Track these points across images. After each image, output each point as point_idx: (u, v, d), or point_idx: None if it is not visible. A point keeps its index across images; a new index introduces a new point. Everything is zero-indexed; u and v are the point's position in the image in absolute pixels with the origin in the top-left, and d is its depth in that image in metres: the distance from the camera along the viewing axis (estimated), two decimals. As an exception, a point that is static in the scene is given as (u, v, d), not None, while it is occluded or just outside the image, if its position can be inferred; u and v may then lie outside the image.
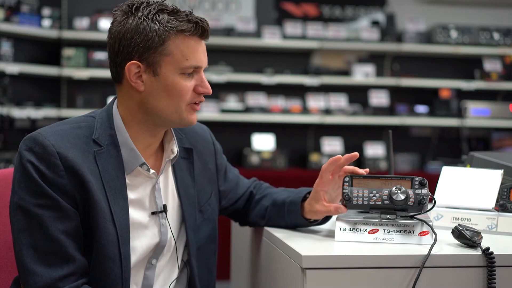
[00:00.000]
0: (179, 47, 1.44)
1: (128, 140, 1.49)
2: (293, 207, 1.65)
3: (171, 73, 1.45)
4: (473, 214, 1.67)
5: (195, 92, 1.49)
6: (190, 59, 1.46)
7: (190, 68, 1.46)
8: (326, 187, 1.59)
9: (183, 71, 1.46)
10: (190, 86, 1.48)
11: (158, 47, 1.44)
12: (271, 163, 4.72)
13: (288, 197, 1.68)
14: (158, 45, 1.43)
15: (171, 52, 1.44)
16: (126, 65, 1.45)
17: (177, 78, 1.46)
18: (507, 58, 5.16)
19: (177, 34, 1.44)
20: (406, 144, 5.21)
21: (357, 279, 1.35)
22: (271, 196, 1.74)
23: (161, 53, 1.44)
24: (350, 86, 5.04)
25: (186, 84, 1.47)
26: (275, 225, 1.71)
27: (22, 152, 1.39)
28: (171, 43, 1.44)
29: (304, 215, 1.63)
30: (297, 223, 1.66)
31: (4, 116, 4.20)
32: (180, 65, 1.45)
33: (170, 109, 1.47)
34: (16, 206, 1.38)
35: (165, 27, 1.43)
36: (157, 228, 1.53)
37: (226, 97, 4.85)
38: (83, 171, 1.39)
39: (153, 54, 1.44)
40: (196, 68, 1.48)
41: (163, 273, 1.57)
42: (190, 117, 1.50)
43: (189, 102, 1.48)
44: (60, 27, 4.65)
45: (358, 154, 1.57)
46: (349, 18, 5.40)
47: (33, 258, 1.35)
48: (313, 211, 1.61)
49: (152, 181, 1.53)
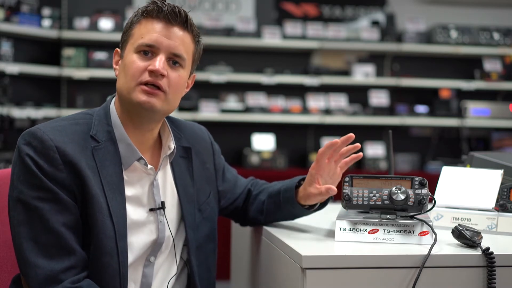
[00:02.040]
0: (140, 28, 1.49)
1: (125, 135, 1.50)
2: (287, 194, 1.66)
3: (129, 51, 1.49)
4: (473, 214, 1.67)
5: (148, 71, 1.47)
6: (145, 37, 1.47)
7: (142, 46, 1.46)
8: (321, 171, 1.60)
9: (138, 50, 1.47)
10: (143, 66, 1.46)
11: (127, 31, 1.51)
12: (271, 163, 4.72)
13: (282, 185, 1.71)
14: (128, 28, 1.51)
15: (134, 33, 1.49)
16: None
17: (133, 57, 1.47)
18: (507, 58, 5.16)
19: (143, 17, 1.49)
20: (406, 144, 5.22)
21: (357, 279, 1.35)
22: (267, 190, 1.76)
23: (128, 35, 1.50)
24: (350, 86, 5.04)
25: (139, 63, 1.46)
26: (274, 219, 1.72)
27: (21, 146, 1.40)
28: (137, 25, 1.50)
29: (299, 201, 1.64)
30: (293, 211, 1.68)
31: (4, 116, 4.20)
32: (135, 43, 1.48)
33: (125, 87, 1.48)
34: (15, 199, 1.38)
35: (137, 13, 1.50)
36: (155, 225, 1.53)
37: (226, 97, 4.85)
38: (81, 166, 1.40)
39: (124, 38, 1.51)
40: (149, 46, 1.46)
41: (161, 270, 1.57)
42: (138, 96, 1.45)
43: (139, 81, 1.46)
44: (60, 27, 4.65)
45: (354, 136, 1.57)
46: (349, 18, 5.40)
47: (33, 251, 1.35)
48: (306, 195, 1.62)
49: (150, 177, 1.54)
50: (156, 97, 1.46)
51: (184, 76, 1.53)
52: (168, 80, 1.47)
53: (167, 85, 1.47)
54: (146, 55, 1.46)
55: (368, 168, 4.84)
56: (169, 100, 1.49)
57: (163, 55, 1.47)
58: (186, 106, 4.64)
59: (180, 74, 1.51)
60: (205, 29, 4.68)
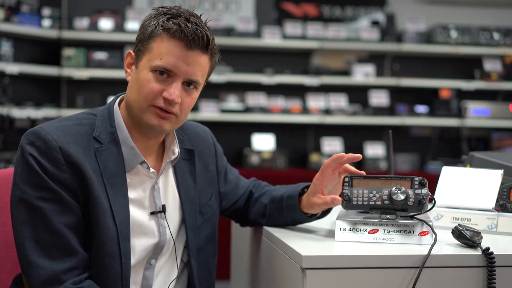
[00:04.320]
0: (160, 45, 1.44)
1: (128, 138, 1.49)
2: (291, 201, 1.66)
3: (145, 67, 1.45)
4: (473, 214, 1.67)
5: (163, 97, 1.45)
6: (163, 59, 1.43)
7: (159, 67, 1.43)
8: (325, 182, 1.61)
9: (154, 69, 1.44)
10: (158, 88, 1.44)
11: (145, 41, 1.46)
12: (271, 163, 4.72)
13: (286, 192, 1.70)
14: (146, 38, 1.46)
15: (152, 48, 1.45)
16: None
17: (149, 75, 1.45)
18: (507, 58, 5.16)
19: (163, 33, 1.44)
20: (406, 144, 5.22)
21: (357, 279, 1.35)
22: (269, 193, 1.75)
23: (146, 46, 1.46)
24: (350, 86, 5.04)
25: (154, 85, 1.44)
26: (276, 224, 1.71)
27: (24, 146, 1.39)
28: (157, 40, 1.45)
29: (301, 209, 1.64)
30: (296, 218, 1.67)
31: (4, 116, 4.20)
32: (152, 62, 1.44)
33: (136, 104, 1.47)
34: (18, 199, 1.38)
35: (158, 24, 1.45)
36: (156, 228, 1.53)
37: (226, 97, 4.85)
38: (84, 167, 1.40)
39: (141, 47, 1.47)
40: (167, 71, 1.44)
41: (161, 273, 1.57)
42: (150, 119, 1.45)
43: (152, 103, 1.45)
44: (60, 27, 4.65)
45: (361, 156, 1.58)
46: (349, 18, 5.40)
47: (35, 251, 1.35)
48: (310, 204, 1.62)
49: (151, 181, 1.54)
50: (167, 120, 1.46)
51: (196, 96, 1.53)
52: (181, 105, 1.47)
53: (179, 109, 1.47)
54: (161, 75, 1.44)
55: (368, 168, 4.84)
56: (179, 121, 1.51)
57: (179, 81, 1.45)
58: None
59: (193, 96, 1.51)
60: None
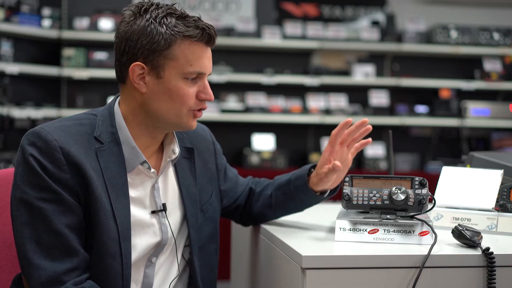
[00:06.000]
0: (184, 52, 1.44)
1: (130, 138, 1.49)
2: (299, 181, 1.68)
3: (174, 77, 1.45)
4: (473, 214, 1.67)
5: (197, 99, 1.50)
6: (194, 64, 1.46)
7: (193, 73, 1.47)
8: (334, 155, 1.64)
9: (186, 76, 1.46)
10: (193, 92, 1.48)
11: (164, 51, 1.43)
12: (271, 163, 4.72)
13: (292, 175, 1.73)
14: (164, 48, 1.43)
15: (176, 56, 1.44)
16: (130, 66, 1.45)
17: (180, 83, 1.46)
18: (507, 58, 5.17)
19: (183, 39, 1.44)
20: (406, 144, 5.22)
21: (357, 279, 1.35)
22: (272, 184, 1.77)
23: (166, 56, 1.44)
24: (350, 86, 5.04)
25: (189, 90, 1.47)
26: (284, 211, 1.73)
27: (25, 146, 1.39)
28: (177, 47, 1.44)
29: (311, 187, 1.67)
30: (304, 199, 1.69)
31: (4, 116, 4.21)
32: (183, 70, 1.45)
33: (171, 113, 1.48)
34: (18, 200, 1.38)
35: (172, 31, 1.43)
36: (158, 227, 1.53)
37: (226, 97, 4.85)
38: (85, 167, 1.40)
39: (158, 57, 1.44)
40: (199, 74, 1.48)
41: (161, 270, 1.57)
42: (190, 122, 1.52)
43: (191, 108, 1.50)
44: (60, 27, 4.65)
45: (368, 120, 1.62)
46: (349, 18, 5.40)
47: (36, 252, 1.35)
48: (318, 178, 1.64)
49: (151, 180, 1.54)
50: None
51: None
52: None
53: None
54: (192, 79, 1.48)
55: (368, 168, 4.84)
56: None
57: (206, 78, 1.51)
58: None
59: None
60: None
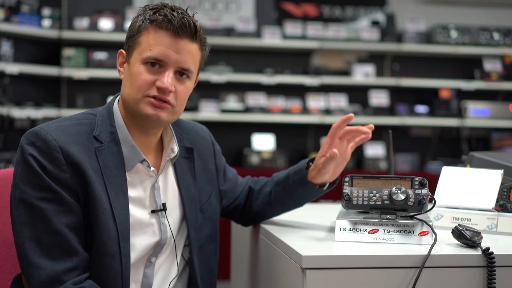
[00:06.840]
0: (148, 37, 1.46)
1: (128, 137, 1.49)
2: (298, 176, 1.69)
3: (136, 61, 1.47)
4: (473, 214, 1.67)
5: (156, 87, 1.46)
6: (153, 50, 1.45)
7: (151, 59, 1.45)
8: (333, 146, 1.64)
9: (145, 61, 1.45)
10: (150, 79, 1.45)
11: (134, 36, 1.48)
12: (271, 163, 4.72)
13: (291, 170, 1.73)
14: (135, 33, 1.48)
15: (141, 41, 1.47)
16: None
17: (140, 68, 1.46)
18: (507, 58, 5.16)
19: (150, 26, 1.46)
20: (406, 144, 5.22)
21: (357, 279, 1.35)
22: (271, 181, 1.78)
23: (135, 41, 1.47)
24: (350, 86, 5.04)
25: (146, 77, 1.45)
26: (284, 207, 1.73)
27: (24, 146, 1.39)
28: (145, 33, 1.46)
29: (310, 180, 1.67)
30: (304, 193, 1.70)
31: (4, 116, 4.21)
32: (142, 54, 1.45)
33: (130, 98, 1.47)
34: (18, 200, 1.38)
35: (144, 18, 1.47)
36: (157, 227, 1.54)
37: (226, 97, 4.85)
38: (84, 167, 1.40)
39: (131, 43, 1.49)
40: (158, 61, 1.45)
41: (161, 270, 1.57)
42: (145, 109, 1.45)
43: (145, 94, 1.45)
44: (60, 27, 4.65)
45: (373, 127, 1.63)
46: (349, 18, 5.40)
47: (36, 252, 1.35)
48: (317, 171, 1.65)
49: (151, 179, 1.54)
50: (163, 110, 1.47)
51: (190, 86, 1.54)
52: (176, 94, 1.48)
53: (174, 98, 1.48)
54: (153, 66, 1.45)
55: (368, 168, 4.84)
56: (176, 111, 1.51)
57: (171, 70, 1.46)
58: (186, 106, 4.61)
59: (187, 86, 1.51)
60: (205, 29, 4.66)
